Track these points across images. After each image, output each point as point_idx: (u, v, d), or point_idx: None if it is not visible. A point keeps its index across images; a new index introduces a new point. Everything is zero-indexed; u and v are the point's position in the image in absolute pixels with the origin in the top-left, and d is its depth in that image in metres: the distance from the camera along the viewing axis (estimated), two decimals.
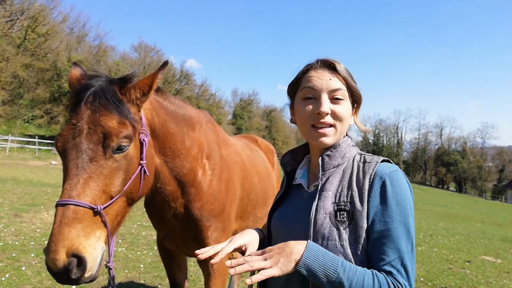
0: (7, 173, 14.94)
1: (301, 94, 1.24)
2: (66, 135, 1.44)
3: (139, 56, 47.52)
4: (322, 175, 1.20)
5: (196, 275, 4.75)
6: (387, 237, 1.04)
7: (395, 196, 1.08)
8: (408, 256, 1.04)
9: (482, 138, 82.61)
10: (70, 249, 1.26)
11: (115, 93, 1.54)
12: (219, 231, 2.28)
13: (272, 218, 1.33)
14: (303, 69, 1.26)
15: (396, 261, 1.03)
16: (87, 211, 1.33)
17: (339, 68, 1.21)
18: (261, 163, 3.22)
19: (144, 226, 7.51)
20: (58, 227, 1.27)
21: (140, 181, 1.58)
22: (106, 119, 1.45)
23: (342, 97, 1.20)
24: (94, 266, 1.33)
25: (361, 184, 1.12)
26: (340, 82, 1.20)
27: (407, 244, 1.05)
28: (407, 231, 1.06)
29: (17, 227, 6.33)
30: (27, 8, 32.81)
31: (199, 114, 2.36)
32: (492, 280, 6.18)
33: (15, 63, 30.55)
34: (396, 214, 1.06)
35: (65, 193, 1.34)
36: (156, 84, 1.65)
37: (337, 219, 1.09)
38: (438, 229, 13.25)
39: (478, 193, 72.62)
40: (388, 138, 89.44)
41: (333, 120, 1.19)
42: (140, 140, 1.59)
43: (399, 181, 1.10)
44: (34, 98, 35.24)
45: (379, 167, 1.14)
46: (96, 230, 1.36)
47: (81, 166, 1.37)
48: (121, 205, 1.51)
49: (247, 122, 58.78)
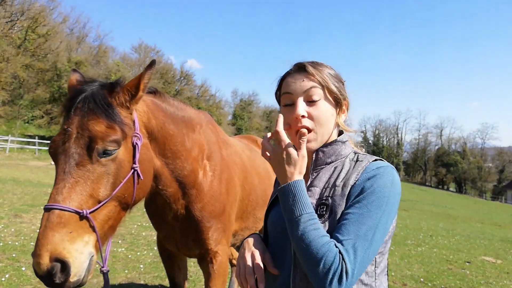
0: (7, 173, 14.94)
1: (282, 101, 1.25)
2: (57, 140, 1.46)
3: (139, 57, 47.56)
4: (313, 171, 1.21)
5: (196, 276, 4.75)
6: (350, 219, 1.02)
7: (375, 187, 1.06)
8: (364, 243, 0.99)
9: (482, 139, 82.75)
10: (53, 253, 1.26)
11: (104, 97, 1.53)
12: (220, 232, 2.28)
13: (268, 218, 1.34)
14: (282, 77, 1.28)
15: (347, 242, 0.99)
16: (72, 216, 1.33)
17: (309, 69, 1.20)
18: (261, 164, 3.22)
19: (144, 226, 7.51)
20: (43, 231, 1.28)
21: (133, 185, 1.56)
22: (94, 123, 1.45)
23: (318, 97, 1.18)
24: (80, 271, 1.32)
25: (348, 178, 1.12)
26: (313, 82, 1.19)
27: (368, 231, 1.01)
28: (375, 223, 1.02)
29: (17, 227, 6.32)
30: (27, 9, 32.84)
31: (199, 115, 2.36)
32: (492, 281, 6.18)
33: (15, 63, 30.57)
34: (368, 202, 1.04)
35: (51, 197, 1.34)
36: (144, 84, 1.62)
37: (317, 213, 1.10)
38: (438, 229, 13.24)
39: (478, 193, 72.63)
40: (388, 139, 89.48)
41: (311, 123, 1.18)
42: (132, 144, 1.57)
43: (383, 175, 1.09)
44: (34, 99, 35.23)
45: (369, 165, 1.13)
46: (84, 235, 1.35)
47: (68, 171, 1.38)
48: (112, 210, 1.49)
49: (247, 122, 58.76)
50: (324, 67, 1.25)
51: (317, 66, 1.23)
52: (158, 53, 49.95)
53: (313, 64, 1.23)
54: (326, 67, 1.25)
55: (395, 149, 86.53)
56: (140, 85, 1.61)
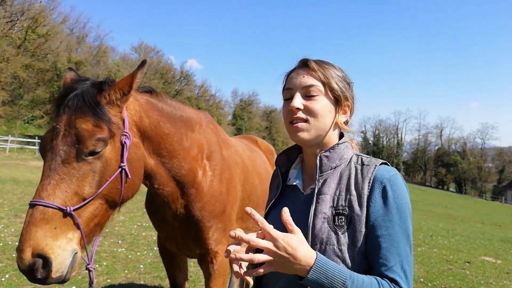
0: (7, 173, 14.94)
1: (283, 96, 1.27)
2: (46, 138, 1.46)
3: (139, 57, 47.56)
4: (319, 177, 1.18)
5: (196, 276, 4.75)
6: (387, 242, 1.04)
7: (396, 201, 1.07)
8: (407, 260, 1.05)
9: (482, 139, 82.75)
10: (36, 249, 1.27)
11: (93, 96, 1.53)
12: (220, 232, 2.28)
13: (268, 220, 1.32)
14: (287, 73, 1.29)
15: (397, 266, 1.03)
16: (56, 212, 1.33)
17: (312, 65, 1.20)
18: (261, 164, 3.22)
19: (144, 226, 7.51)
20: (26, 227, 1.29)
21: (121, 184, 1.56)
22: (81, 121, 1.45)
23: (316, 93, 1.18)
24: (62, 268, 1.32)
25: (360, 188, 1.11)
26: (314, 79, 1.19)
27: (406, 248, 1.06)
28: (407, 235, 1.07)
29: (17, 227, 6.32)
30: (27, 9, 32.78)
31: (200, 115, 2.36)
32: (492, 281, 6.18)
33: (15, 63, 30.55)
34: (396, 219, 1.06)
35: (36, 194, 1.35)
36: (136, 83, 1.63)
37: (335, 223, 1.08)
38: (438, 229, 13.24)
39: (478, 193, 72.59)
40: (388, 139, 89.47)
41: (305, 115, 1.18)
42: (121, 142, 1.57)
43: (399, 186, 1.10)
44: (34, 99, 35.23)
45: (378, 170, 1.13)
46: (67, 232, 1.36)
47: (54, 168, 1.38)
48: (98, 207, 1.49)
49: (247, 122, 58.75)
50: (330, 66, 1.24)
51: (321, 63, 1.23)
52: (158, 53, 49.92)
53: (318, 61, 1.23)
54: (332, 66, 1.24)
55: (395, 149, 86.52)
56: (133, 83, 1.61)
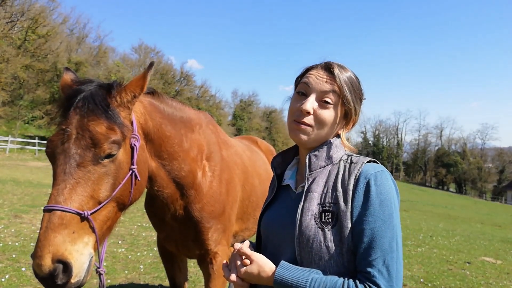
0: (7, 174, 14.93)
1: (297, 88, 1.27)
2: (55, 140, 1.44)
3: (139, 57, 47.57)
4: (308, 175, 1.20)
5: (196, 276, 4.75)
6: (369, 236, 1.03)
7: (379, 195, 1.07)
8: (392, 255, 1.03)
9: (482, 139, 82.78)
10: (56, 255, 1.26)
11: (104, 98, 1.53)
12: (220, 233, 2.28)
13: (262, 220, 1.33)
14: (309, 67, 1.28)
15: (377, 261, 1.02)
16: (73, 217, 1.33)
17: (336, 72, 1.20)
18: (261, 165, 3.22)
19: (144, 227, 7.51)
20: (44, 232, 1.27)
21: (131, 186, 1.56)
22: (94, 124, 1.44)
23: (330, 102, 1.19)
24: (81, 272, 1.32)
25: (346, 184, 1.12)
26: (333, 87, 1.19)
27: (391, 243, 1.04)
28: (392, 231, 1.05)
29: (17, 228, 6.32)
30: (27, 9, 32.78)
31: (199, 116, 2.36)
32: (492, 281, 6.18)
33: (15, 64, 30.54)
34: (379, 213, 1.05)
35: (52, 198, 1.34)
36: (146, 85, 1.64)
37: (322, 220, 1.09)
38: (438, 230, 13.24)
39: (478, 194, 72.58)
40: (388, 139, 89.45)
41: (312, 122, 1.18)
42: (131, 145, 1.57)
43: (383, 181, 1.10)
44: (34, 99, 35.23)
45: (364, 167, 1.13)
46: (84, 236, 1.36)
47: (69, 172, 1.37)
48: (110, 211, 1.50)
49: (247, 123, 58.75)
50: (352, 77, 1.23)
51: (344, 72, 1.22)
52: (158, 53, 49.98)
53: (341, 68, 1.22)
54: (352, 79, 1.23)
55: (395, 149, 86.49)
56: (145, 85, 1.62)
